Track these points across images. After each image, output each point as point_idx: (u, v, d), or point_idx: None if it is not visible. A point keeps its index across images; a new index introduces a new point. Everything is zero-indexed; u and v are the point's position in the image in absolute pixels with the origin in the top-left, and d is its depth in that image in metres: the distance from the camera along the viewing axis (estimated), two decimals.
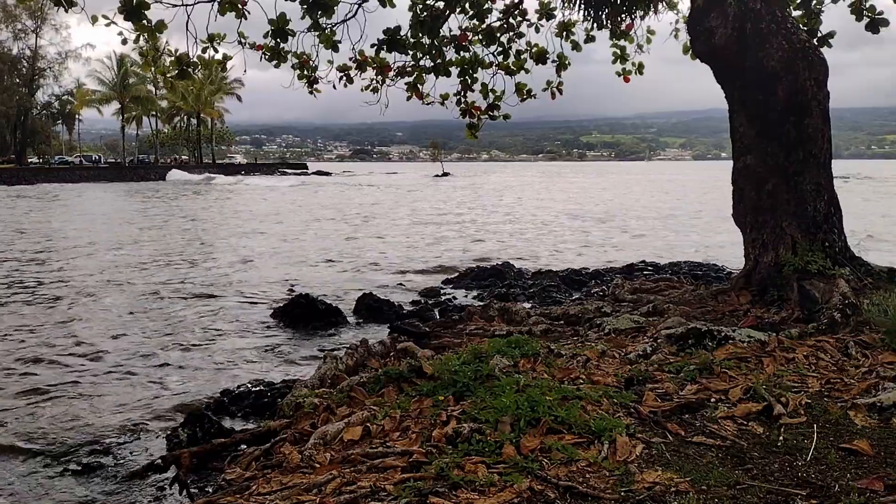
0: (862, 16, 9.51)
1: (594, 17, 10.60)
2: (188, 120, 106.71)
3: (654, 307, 8.15)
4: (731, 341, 6.01)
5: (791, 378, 5.24)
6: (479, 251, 20.05)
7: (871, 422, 4.44)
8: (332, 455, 4.29)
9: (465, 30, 11.12)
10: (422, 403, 4.91)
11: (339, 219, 32.06)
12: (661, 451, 4.09)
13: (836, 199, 7.81)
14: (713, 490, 3.55)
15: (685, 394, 4.99)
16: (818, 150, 7.63)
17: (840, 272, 7.10)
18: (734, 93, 8.09)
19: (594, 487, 3.63)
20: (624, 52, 12.08)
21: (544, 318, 8.52)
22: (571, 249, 20.63)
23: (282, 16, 9.43)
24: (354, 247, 21.16)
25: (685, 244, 21.29)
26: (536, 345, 6.18)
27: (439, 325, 9.08)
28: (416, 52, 11.12)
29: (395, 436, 4.47)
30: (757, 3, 7.50)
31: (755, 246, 7.97)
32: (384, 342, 7.11)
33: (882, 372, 5.24)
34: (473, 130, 12.16)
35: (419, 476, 3.81)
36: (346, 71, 11.12)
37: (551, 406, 4.52)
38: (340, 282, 14.60)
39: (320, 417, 4.99)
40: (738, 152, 8.12)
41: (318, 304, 10.18)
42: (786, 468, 3.82)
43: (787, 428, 4.36)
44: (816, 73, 7.53)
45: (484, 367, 5.38)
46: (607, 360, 5.97)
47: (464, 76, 11.65)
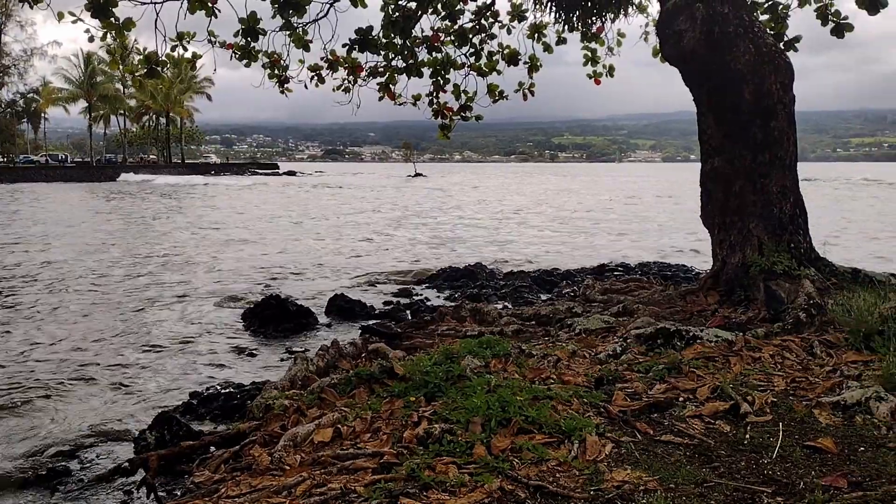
0: (827, 20, 9.67)
1: (565, 20, 10.68)
2: (157, 119, 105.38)
3: (625, 307, 8.23)
4: (699, 341, 6.08)
5: (757, 377, 5.32)
6: (451, 251, 20.06)
7: (836, 420, 4.52)
8: (302, 457, 4.26)
9: (438, 30, 11.13)
10: (393, 404, 4.90)
11: (308, 219, 31.86)
12: (630, 450, 4.13)
13: (802, 200, 7.95)
14: (681, 488, 3.59)
15: (654, 393, 5.04)
16: (784, 152, 7.76)
17: (805, 273, 7.22)
18: (702, 96, 8.20)
19: (564, 487, 3.65)
20: (595, 55, 12.18)
21: (516, 319, 8.55)
22: (543, 250, 20.72)
23: (252, 14, 9.35)
24: (328, 248, 21.04)
25: (655, 245, 21.50)
26: (508, 345, 6.21)
27: (411, 326, 9.07)
28: (388, 53, 11.10)
29: (366, 437, 4.45)
30: (725, 7, 7.61)
31: (723, 247, 8.08)
32: (355, 343, 7.08)
33: (846, 371, 5.34)
34: (446, 131, 12.17)
35: (390, 477, 3.80)
36: (318, 71, 11.08)
37: (522, 406, 4.54)
38: (312, 283, 14.51)
39: (290, 419, 4.95)
40: (706, 154, 8.23)
41: (288, 305, 10.11)
42: (752, 466, 3.87)
43: (753, 426, 4.42)
44: (782, 76, 7.65)
45: (455, 367, 5.39)
46: (578, 360, 6.01)
47: (436, 77, 11.66)
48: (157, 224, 28.99)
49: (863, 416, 4.50)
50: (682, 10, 7.66)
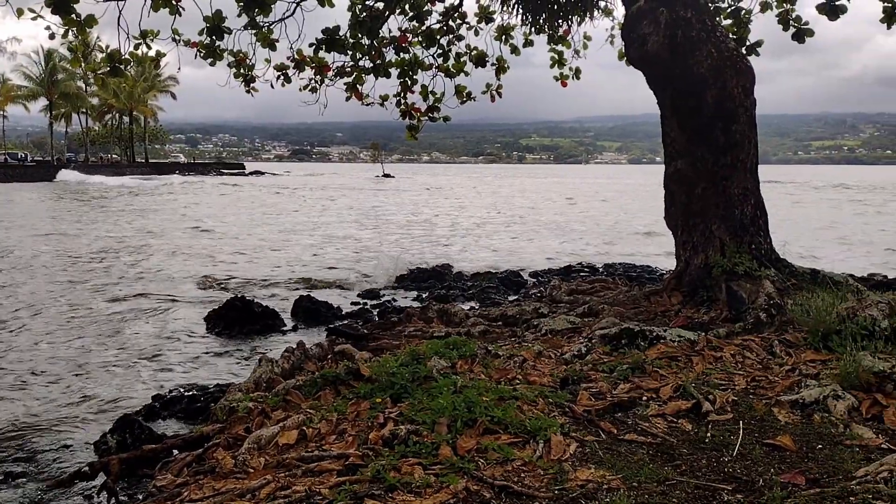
0: (789, 25, 9.89)
1: (532, 22, 10.75)
2: (120, 118, 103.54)
3: (590, 308, 8.30)
4: (662, 341, 6.16)
5: (719, 376, 5.41)
6: (420, 253, 20.04)
7: (794, 418, 4.61)
8: (266, 459, 4.23)
9: (405, 31, 11.13)
10: (359, 406, 4.89)
11: (273, 221, 31.60)
12: (594, 449, 4.17)
13: (762, 202, 8.10)
14: (643, 486, 3.64)
15: (618, 393, 5.10)
16: (745, 155, 7.89)
17: (766, 273, 7.35)
18: (666, 99, 8.30)
19: (529, 486, 3.68)
20: (562, 57, 12.29)
21: (483, 320, 8.58)
22: (511, 251, 20.81)
23: (217, 13, 9.26)
24: (296, 249, 20.89)
25: (620, 246, 21.73)
26: (474, 346, 6.22)
27: (378, 327, 9.04)
28: (355, 53, 11.08)
29: (332, 439, 4.43)
30: (688, 11, 7.71)
31: (686, 248, 8.19)
32: (321, 345, 7.04)
33: (804, 370, 5.46)
34: (413, 132, 12.18)
35: (355, 479, 3.78)
36: (284, 70, 11.01)
37: (488, 406, 4.55)
38: (278, 284, 14.38)
39: (255, 421, 4.91)
40: (670, 157, 8.34)
41: (253, 307, 10.01)
42: (713, 464, 3.94)
43: (714, 425, 4.50)
44: (744, 80, 7.79)
45: (422, 368, 5.39)
46: (543, 361, 6.05)
47: (403, 77, 11.66)
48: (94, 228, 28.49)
49: (821, 415, 4.60)
50: (647, 15, 7.75)
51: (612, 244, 22.53)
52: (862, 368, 4.95)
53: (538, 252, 20.47)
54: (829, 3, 8.83)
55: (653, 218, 19.05)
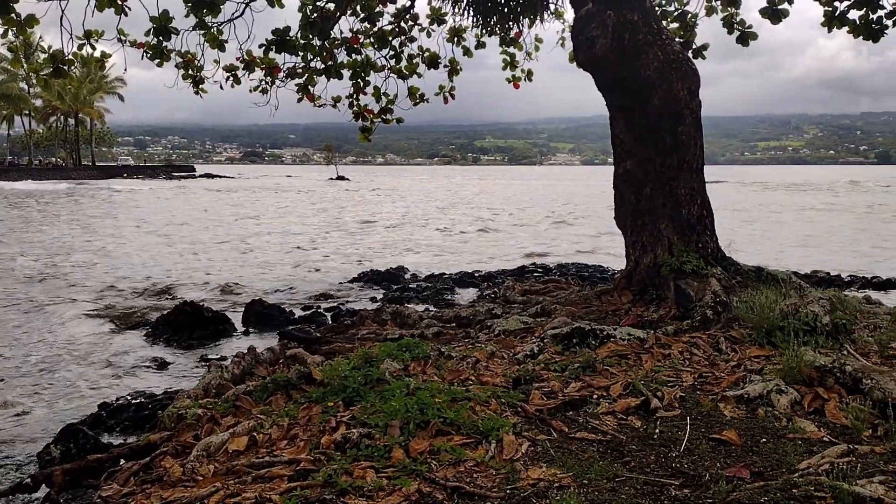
0: (733, 29, 10.14)
1: (484, 24, 10.80)
2: (66, 120, 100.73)
3: (543, 308, 8.37)
4: (612, 339, 6.25)
5: (667, 373, 5.51)
6: (375, 254, 19.96)
7: (739, 413, 4.72)
8: (215, 467, 4.16)
9: (357, 32, 11.08)
10: (311, 410, 4.85)
11: (227, 224, 31.15)
12: (545, 448, 4.20)
13: (709, 202, 8.27)
14: (594, 483, 3.68)
15: (569, 391, 5.15)
16: (692, 156, 8.05)
17: (712, 272, 7.51)
18: (614, 101, 8.43)
19: (481, 487, 3.69)
20: (514, 59, 12.38)
21: (436, 321, 8.58)
22: (466, 251, 20.87)
23: (164, 13, 9.10)
24: (248, 253, 20.62)
25: (571, 245, 21.97)
26: (427, 347, 6.23)
27: (331, 331, 8.97)
28: (306, 54, 11.01)
29: (283, 444, 4.39)
30: (635, 14, 7.84)
31: (635, 248, 8.32)
32: (273, 349, 6.96)
33: (749, 365, 5.59)
34: (366, 133, 12.15)
35: (306, 484, 3.75)
36: (234, 71, 10.87)
37: (441, 408, 4.56)
38: (229, 288, 14.16)
39: (204, 428, 4.83)
40: (619, 157, 8.47)
41: (203, 312, 9.83)
42: (661, 459, 4.01)
43: (663, 421, 4.58)
44: (689, 82, 7.94)
45: (374, 371, 5.37)
46: (496, 361, 6.08)
47: (356, 79, 11.62)
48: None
49: (765, 409, 4.72)
50: (595, 17, 7.85)
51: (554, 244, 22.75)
52: (804, 363, 5.10)
53: (495, 253, 20.57)
54: (772, 7, 9.09)
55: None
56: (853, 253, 19.82)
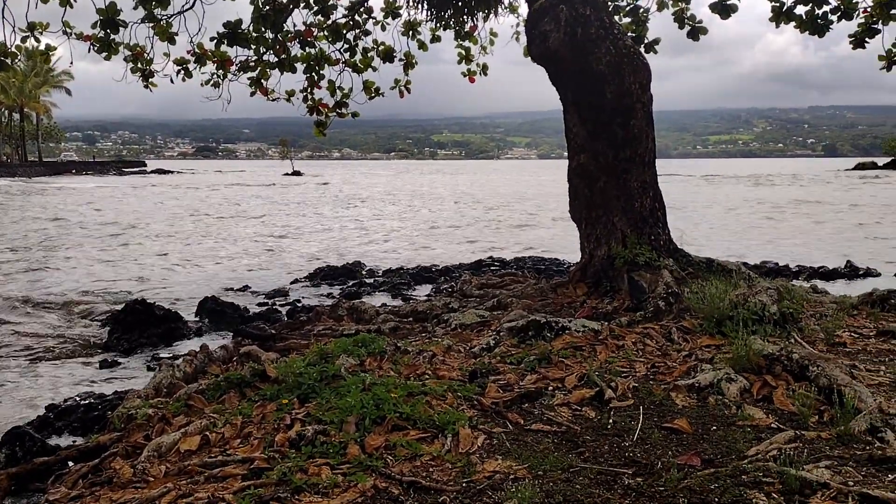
0: (684, 24, 10.29)
1: (438, 18, 10.79)
2: (10, 115, 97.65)
3: (499, 301, 8.41)
4: (567, 332, 6.31)
5: (621, 364, 5.58)
6: (333, 250, 19.82)
7: (691, 401, 4.81)
8: (167, 467, 4.09)
9: (310, 25, 10.96)
10: (265, 408, 4.79)
11: (183, 220, 30.60)
12: (501, 440, 4.22)
13: (661, 195, 8.39)
14: (549, 475, 3.71)
15: (525, 384, 5.19)
16: (644, 149, 8.16)
17: (664, 263, 7.64)
18: (567, 95, 8.49)
19: (437, 481, 3.70)
20: (469, 53, 12.37)
21: (393, 316, 8.56)
22: (423, 246, 20.86)
23: (112, 5, 8.89)
24: (197, 250, 20.28)
25: (529, 240, 22.12)
26: (383, 342, 6.20)
27: (286, 327, 8.88)
28: (258, 47, 10.84)
29: (236, 443, 4.33)
30: (587, 9, 7.90)
31: (590, 240, 8.41)
32: (226, 347, 6.86)
33: (700, 355, 5.70)
34: (321, 128, 12.03)
35: (260, 483, 3.71)
36: (184, 65, 10.67)
37: (397, 403, 4.55)
38: (180, 286, 13.91)
39: (155, 428, 4.74)
40: (573, 151, 8.54)
41: (155, 310, 9.63)
42: (615, 449, 4.06)
43: (616, 411, 4.64)
44: (640, 77, 8.04)
45: (330, 367, 5.33)
46: (453, 355, 6.09)
47: (310, 72, 11.51)
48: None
49: (715, 397, 4.82)
50: (548, 12, 7.90)
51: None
52: (753, 352, 5.21)
53: (450, 247, 20.60)
54: (721, 2, 9.23)
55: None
56: (803, 245, 20.34)
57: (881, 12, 9.44)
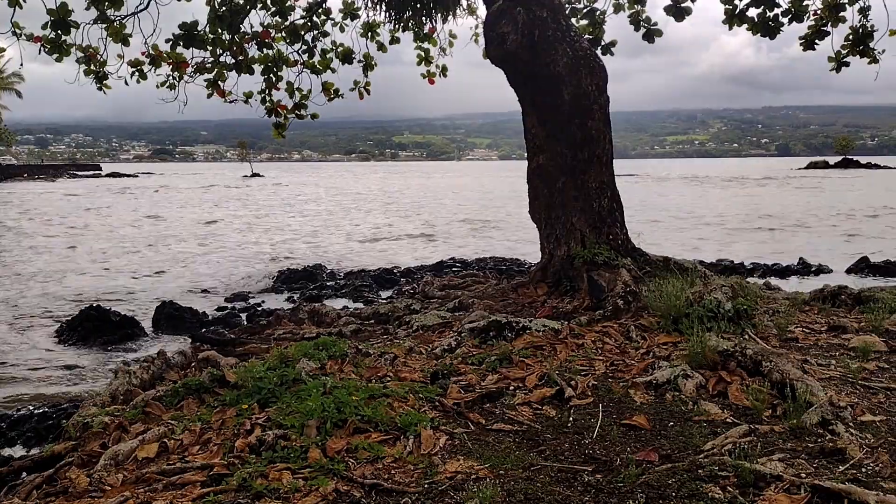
0: (640, 26, 10.43)
1: (397, 19, 10.77)
2: None
3: (461, 302, 8.43)
4: (528, 331, 6.35)
5: (580, 362, 5.64)
6: (290, 253, 19.65)
7: (648, 398, 4.89)
8: (124, 475, 4.01)
9: (268, 27, 10.85)
10: (224, 414, 4.73)
11: (137, 224, 30.06)
12: (463, 440, 4.24)
13: (618, 195, 8.51)
14: (510, 473, 3.74)
15: (486, 384, 5.21)
16: (601, 150, 8.26)
17: (623, 262, 7.74)
18: (526, 96, 8.56)
19: (399, 482, 3.70)
20: (428, 55, 12.37)
21: (355, 319, 8.53)
22: (384, 248, 20.81)
23: (62, 6, 8.71)
24: (156, 254, 19.94)
25: (490, 241, 22.22)
26: (345, 345, 6.17)
27: (246, 332, 8.78)
28: (215, 48, 10.70)
29: (195, 450, 4.27)
30: (544, 11, 7.97)
31: (550, 240, 8.48)
32: (184, 352, 6.77)
33: (658, 352, 5.80)
34: (280, 130, 11.92)
35: (220, 489, 3.67)
36: (139, 66, 10.46)
37: (358, 406, 4.53)
38: (136, 291, 13.66)
39: (112, 436, 4.65)
40: (532, 152, 8.61)
41: (110, 316, 9.45)
42: (575, 447, 4.11)
43: (576, 409, 4.69)
44: (597, 78, 8.14)
45: (290, 371, 5.29)
46: (414, 357, 6.10)
47: (268, 74, 11.38)
48: None
49: (672, 393, 4.91)
50: (505, 14, 7.95)
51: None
52: (708, 348, 5.31)
53: (412, 249, 20.60)
54: (675, 5, 9.39)
55: None
56: (757, 242, 20.77)
57: (830, 15, 9.71)
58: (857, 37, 9.93)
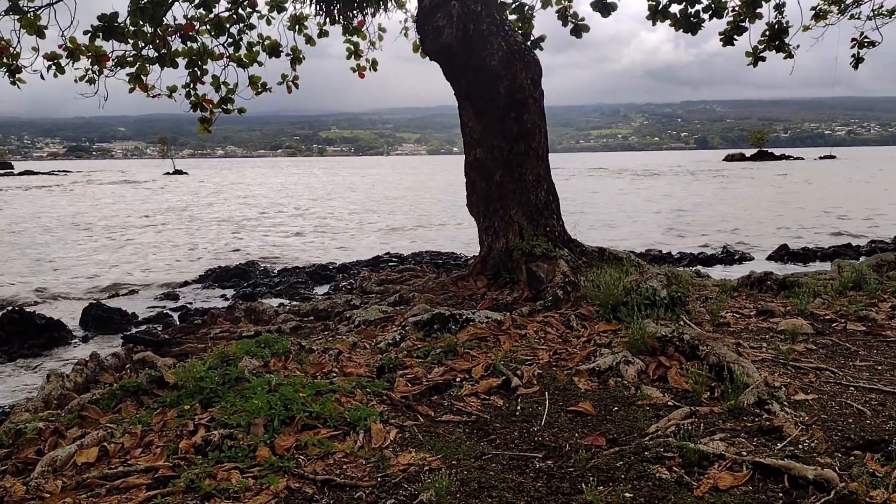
0: (567, 21, 10.61)
1: (326, 12, 10.64)
2: None
3: (401, 296, 8.42)
4: (471, 323, 6.40)
5: (524, 352, 5.72)
6: (221, 251, 19.21)
7: (592, 385, 4.99)
8: (64, 482, 3.86)
9: (191, 19, 10.56)
10: (165, 415, 4.60)
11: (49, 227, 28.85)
12: (413, 433, 4.24)
13: (554, 188, 8.64)
14: (462, 463, 3.77)
15: (433, 376, 5.23)
16: (537, 143, 8.37)
17: (560, 254, 7.87)
18: (462, 90, 8.59)
19: (352, 477, 3.68)
20: (357, 49, 12.28)
21: (293, 315, 8.41)
22: (319, 244, 20.57)
23: None
24: (72, 255, 19.19)
25: (426, 235, 22.24)
26: (287, 342, 6.09)
27: (181, 331, 8.56)
28: (136, 41, 10.34)
29: (137, 452, 4.14)
30: (478, 5, 8.02)
31: (488, 233, 8.55)
32: (118, 354, 6.54)
33: (599, 340, 5.93)
34: (206, 125, 11.63)
35: (167, 492, 3.57)
36: (56, 60, 10.02)
37: (305, 402, 4.48)
38: (60, 293, 13.12)
39: (47, 442, 4.46)
40: (469, 146, 8.66)
41: (35, 319, 9.04)
42: (524, 434, 4.16)
43: (523, 398, 4.76)
44: (532, 72, 8.24)
45: (232, 370, 5.17)
46: (359, 352, 6.06)
47: (192, 68, 11.08)
48: None
49: (615, 379, 5.02)
50: (440, 7, 7.95)
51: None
52: (647, 335, 5.46)
53: (346, 244, 20.43)
54: (602, 0, 9.58)
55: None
56: (677, 232, 21.44)
57: (748, 11, 10.10)
58: (773, 32, 10.37)
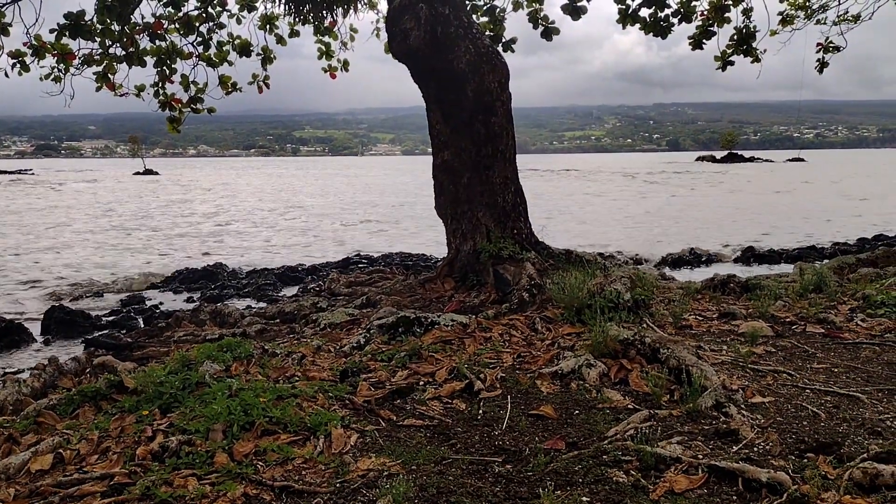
0: (538, 24, 10.66)
1: (297, 12, 10.59)
2: None
3: (368, 299, 8.40)
4: (437, 326, 6.39)
5: (489, 355, 5.73)
6: (187, 252, 19.02)
7: (554, 388, 5.01)
8: (17, 490, 3.79)
9: (160, 17, 10.45)
10: (123, 421, 4.54)
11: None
12: (374, 438, 4.23)
13: (522, 190, 8.68)
14: (422, 468, 3.76)
15: (396, 380, 5.22)
16: (504, 146, 8.40)
17: (527, 256, 7.90)
18: (430, 92, 8.59)
19: (310, 483, 3.65)
20: (329, 49, 12.23)
21: (259, 318, 8.36)
22: (287, 246, 20.45)
23: None
24: (35, 256, 18.87)
25: (395, 237, 22.21)
26: (250, 346, 6.04)
27: (144, 335, 8.45)
28: (104, 39, 10.21)
29: (94, 459, 4.08)
30: (446, 8, 8.02)
31: (456, 235, 8.56)
32: (78, 358, 6.45)
33: (562, 343, 5.95)
34: (175, 124, 11.52)
35: (122, 499, 3.52)
36: (21, 58, 9.86)
37: (266, 407, 4.44)
38: (21, 295, 12.90)
39: (1, 449, 4.38)
40: (437, 148, 8.66)
41: None
42: (485, 439, 4.17)
43: (486, 401, 4.76)
44: (499, 75, 8.27)
45: (193, 374, 5.12)
46: (323, 355, 6.03)
47: (161, 66, 10.97)
48: None
49: (577, 382, 5.05)
50: (408, 9, 7.95)
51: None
52: (609, 338, 5.50)
53: (316, 246, 20.33)
54: (572, 3, 9.64)
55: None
56: (648, 234, 21.65)
57: (716, 16, 10.23)
58: (741, 37, 10.52)
